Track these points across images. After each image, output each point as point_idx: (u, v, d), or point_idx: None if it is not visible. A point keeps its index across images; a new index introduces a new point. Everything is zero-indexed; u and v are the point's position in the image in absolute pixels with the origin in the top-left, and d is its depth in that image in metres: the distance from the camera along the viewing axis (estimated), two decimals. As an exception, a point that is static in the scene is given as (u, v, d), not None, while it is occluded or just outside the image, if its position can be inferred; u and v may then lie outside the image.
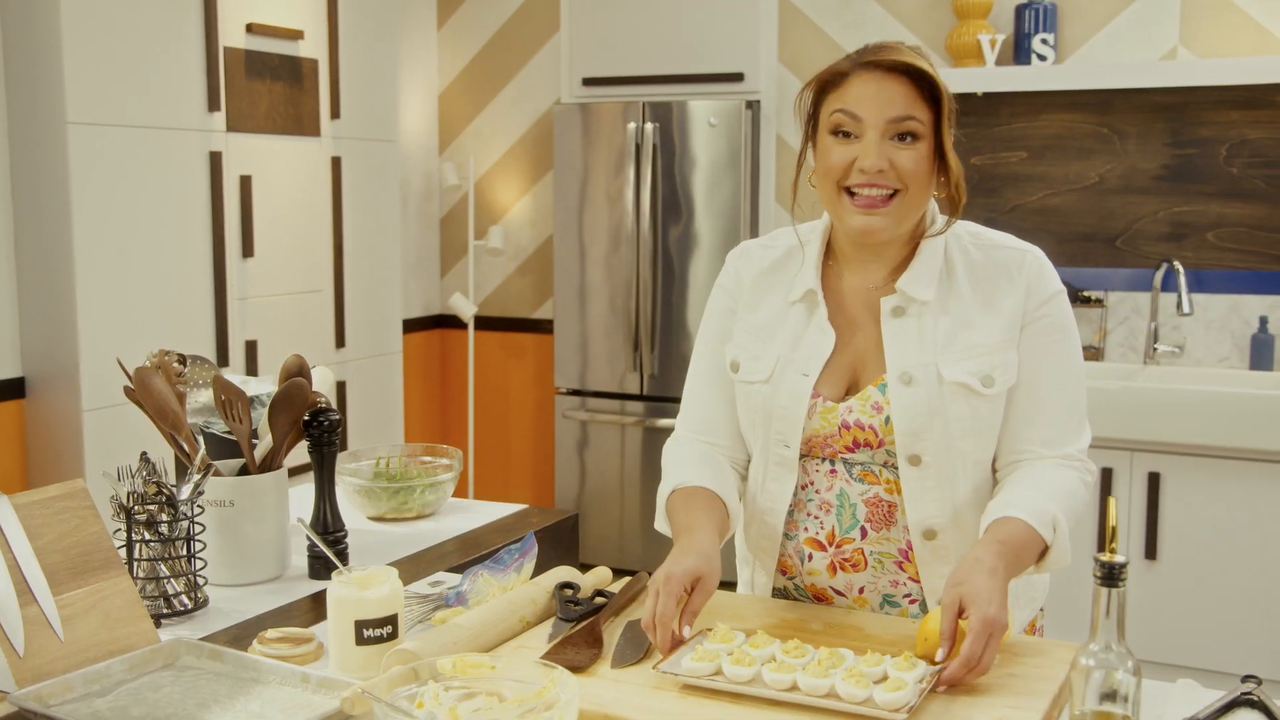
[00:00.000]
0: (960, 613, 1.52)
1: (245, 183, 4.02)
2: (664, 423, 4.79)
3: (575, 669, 1.56)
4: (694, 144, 4.72)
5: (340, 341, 4.50)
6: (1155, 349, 4.29)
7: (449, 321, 5.64)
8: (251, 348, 4.05)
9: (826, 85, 1.73)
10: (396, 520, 2.44)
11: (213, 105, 3.89)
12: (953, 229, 1.78)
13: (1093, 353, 4.39)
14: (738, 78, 4.73)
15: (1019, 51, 4.34)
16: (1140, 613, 3.90)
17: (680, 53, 4.82)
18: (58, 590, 1.65)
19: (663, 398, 4.83)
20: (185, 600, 1.88)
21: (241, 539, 2.03)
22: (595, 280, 4.92)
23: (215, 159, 3.91)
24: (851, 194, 1.70)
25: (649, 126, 4.76)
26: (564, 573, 1.89)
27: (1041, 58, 4.27)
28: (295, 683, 1.58)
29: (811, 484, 1.78)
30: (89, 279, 3.55)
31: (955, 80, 4.35)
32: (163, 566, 1.87)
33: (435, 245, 5.63)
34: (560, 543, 2.43)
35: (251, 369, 4.03)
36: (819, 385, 1.76)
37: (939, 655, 1.51)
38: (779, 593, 1.87)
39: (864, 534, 1.76)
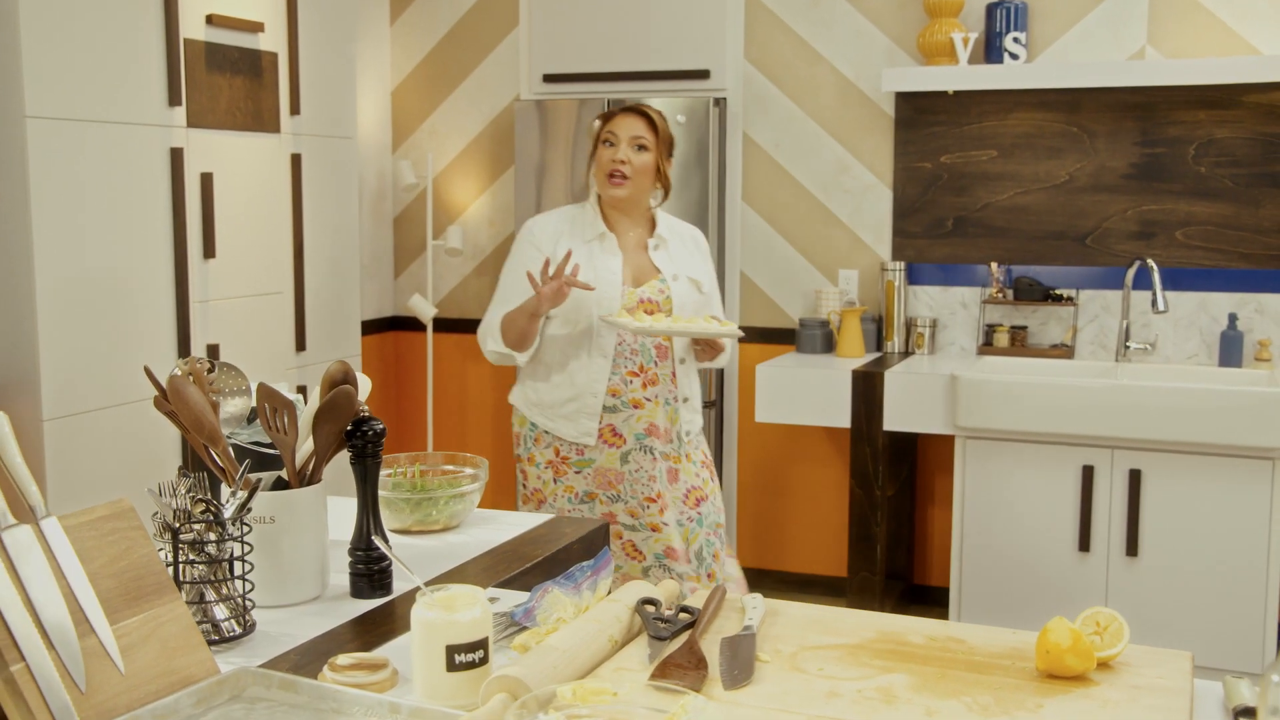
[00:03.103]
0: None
1: (206, 180, 3.85)
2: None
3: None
4: (659, 142, 4.64)
5: (301, 345, 4.34)
6: (1127, 347, 4.32)
7: (403, 323, 5.49)
8: (213, 352, 3.88)
9: (604, 120, 3.15)
10: (422, 533, 2.33)
11: (173, 100, 3.71)
12: (659, 215, 3.23)
13: (1063, 350, 4.40)
14: (703, 75, 4.67)
15: (990, 50, 4.33)
16: (1122, 608, 3.91)
17: (644, 49, 4.74)
18: (114, 618, 1.52)
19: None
20: (234, 625, 1.76)
21: (282, 557, 1.90)
22: (557, 281, 4.82)
23: (176, 155, 3.73)
24: (610, 176, 3.10)
25: (612, 124, 4.66)
26: (641, 588, 1.80)
27: (1014, 56, 4.27)
28: (383, 713, 1.47)
29: (622, 341, 3.10)
30: (49, 280, 3.36)
31: (927, 79, 4.34)
32: (209, 590, 1.74)
33: (389, 245, 5.48)
34: (592, 554, 2.34)
35: (214, 375, 3.85)
36: (623, 278, 3.12)
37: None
38: (606, 409, 3.11)
39: (656, 364, 3.12)
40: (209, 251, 3.87)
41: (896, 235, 4.67)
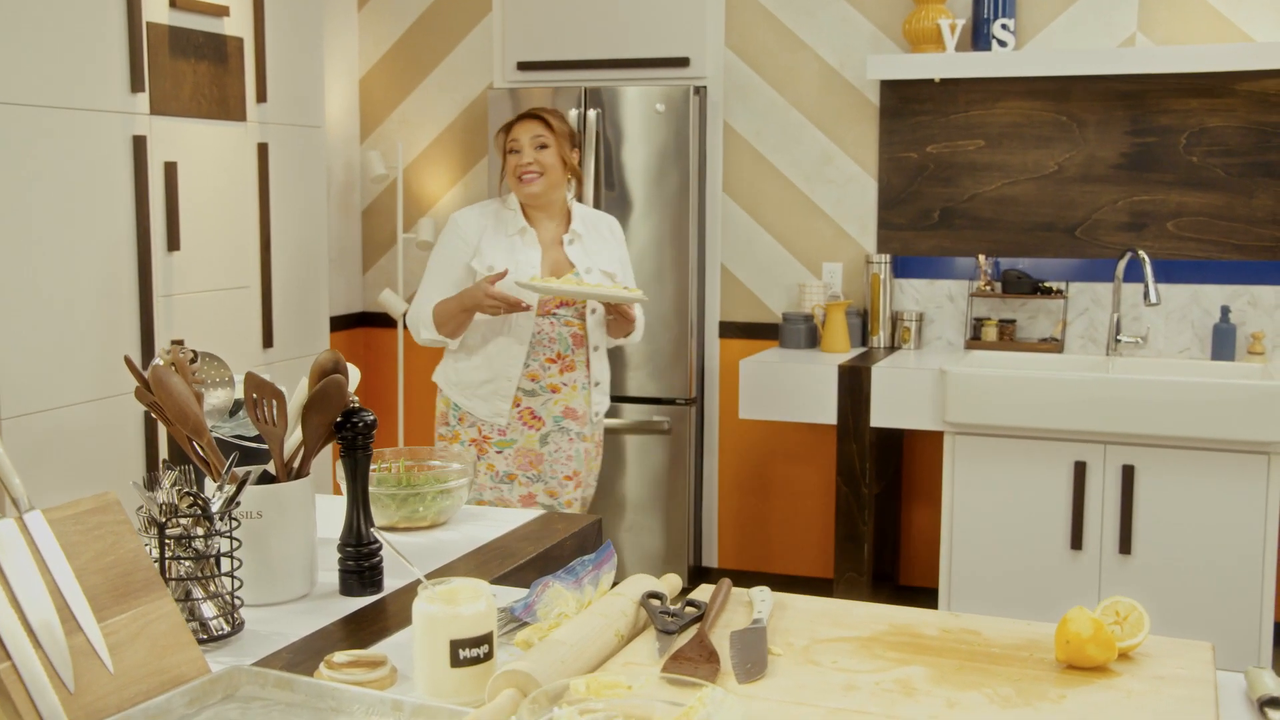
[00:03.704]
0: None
1: (170, 170, 3.75)
2: (607, 423, 4.64)
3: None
4: (639, 131, 4.58)
5: (268, 341, 4.25)
6: (1118, 340, 4.28)
7: (371, 319, 5.41)
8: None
9: (507, 130, 3.38)
10: (408, 530, 2.26)
11: (136, 86, 3.62)
12: (575, 207, 3.45)
13: (1052, 344, 4.36)
14: (683, 63, 4.61)
15: (978, 37, 4.29)
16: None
17: (621, 36, 4.68)
18: (101, 616, 1.45)
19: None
20: (223, 624, 1.68)
21: (270, 554, 1.83)
22: (536, 274, 4.75)
23: (139, 144, 3.63)
24: (520, 179, 3.33)
25: (591, 113, 4.60)
26: (644, 581, 1.74)
27: (1002, 43, 4.23)
28: (385, 711, 1.40)
29: (541, 330, 3.33)
30: (5, 274, 3.25)
31: (913, 66, 4.29)
32: (196, 587, 1.67)
33: (357, 238, 5.39)
34: (586, 550, 2.28)
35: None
36: (541, 272, 3.31)
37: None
38: (525, 393, 3.36)
39: (572, 350, 3.36)
40: (173, 244, 3.78)
41: (882, 227, 4.62)
